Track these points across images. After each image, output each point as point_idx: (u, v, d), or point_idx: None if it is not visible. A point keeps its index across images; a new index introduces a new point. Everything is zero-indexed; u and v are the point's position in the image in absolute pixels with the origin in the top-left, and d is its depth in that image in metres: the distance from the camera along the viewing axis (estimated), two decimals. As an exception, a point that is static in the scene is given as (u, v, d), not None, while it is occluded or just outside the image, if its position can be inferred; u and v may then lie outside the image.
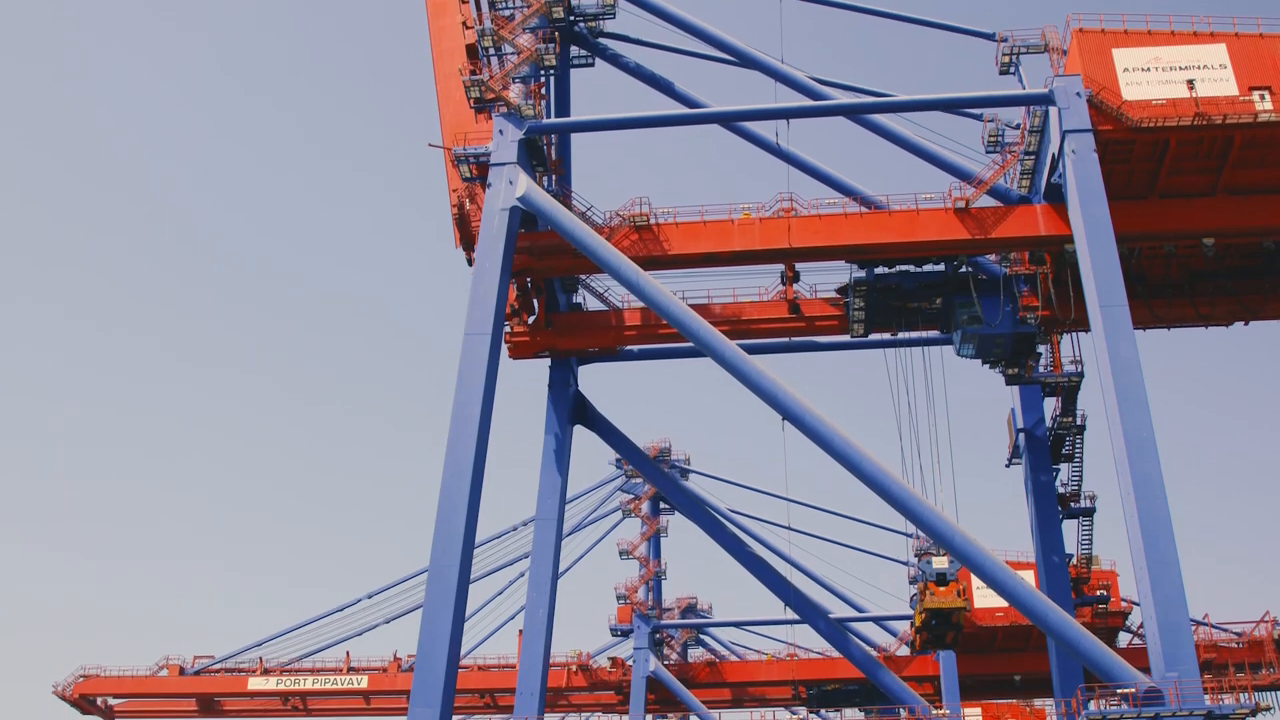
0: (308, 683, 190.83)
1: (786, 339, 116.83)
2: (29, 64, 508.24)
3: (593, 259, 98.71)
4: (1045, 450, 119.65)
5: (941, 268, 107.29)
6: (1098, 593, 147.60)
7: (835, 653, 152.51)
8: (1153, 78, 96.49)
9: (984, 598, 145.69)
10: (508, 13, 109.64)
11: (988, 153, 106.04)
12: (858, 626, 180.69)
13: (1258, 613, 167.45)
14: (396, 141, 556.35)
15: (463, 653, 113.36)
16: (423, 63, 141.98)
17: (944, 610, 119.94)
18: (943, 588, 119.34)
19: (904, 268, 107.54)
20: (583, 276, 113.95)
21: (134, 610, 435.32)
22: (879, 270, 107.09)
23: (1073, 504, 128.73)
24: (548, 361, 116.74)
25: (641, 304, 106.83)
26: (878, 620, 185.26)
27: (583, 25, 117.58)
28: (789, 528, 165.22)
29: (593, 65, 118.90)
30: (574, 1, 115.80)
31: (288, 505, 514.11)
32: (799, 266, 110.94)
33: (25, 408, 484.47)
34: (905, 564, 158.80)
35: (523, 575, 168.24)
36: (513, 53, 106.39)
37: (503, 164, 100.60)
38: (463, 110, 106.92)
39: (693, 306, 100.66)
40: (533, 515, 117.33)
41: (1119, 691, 79.33)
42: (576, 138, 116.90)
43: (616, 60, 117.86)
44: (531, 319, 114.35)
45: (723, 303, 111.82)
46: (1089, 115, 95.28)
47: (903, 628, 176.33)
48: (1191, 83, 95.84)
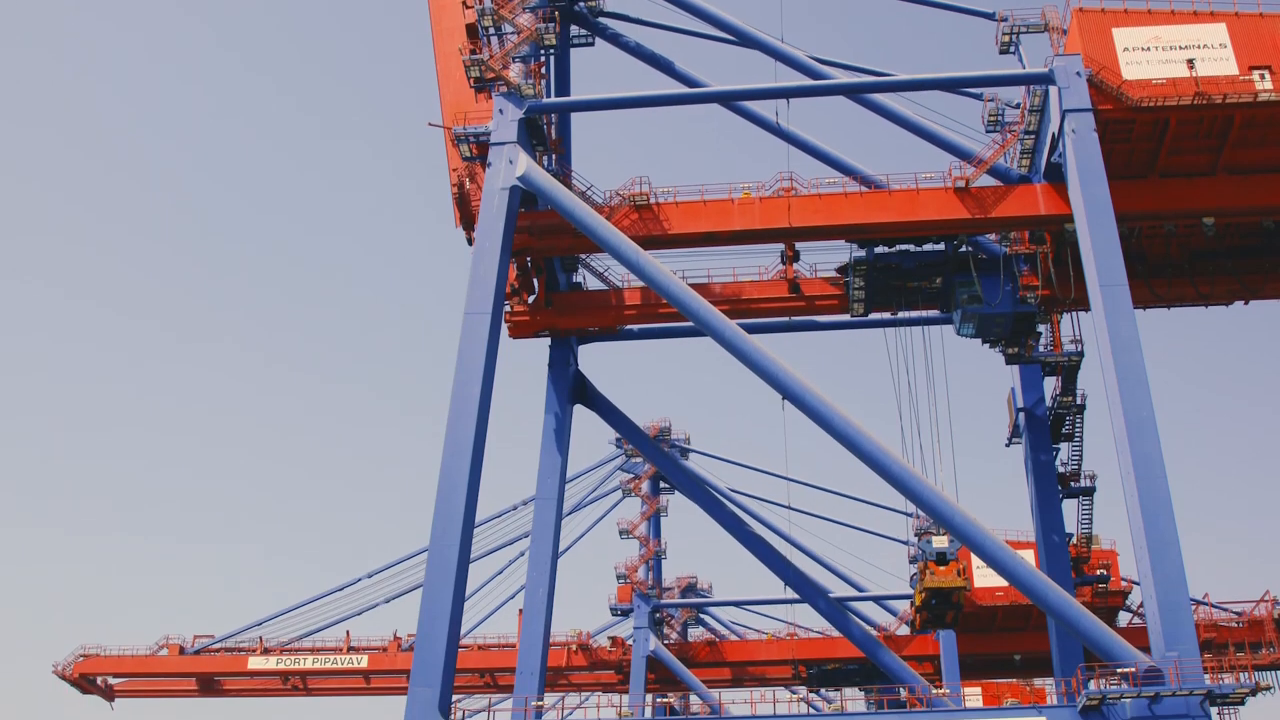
0: (307, 662, 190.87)
1: (786, 318, 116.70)
2: (29, 46, 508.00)
3: (593, 238, 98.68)
4: (1045, 430, 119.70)
5: (941, 247, 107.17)
6: (1098, 572, 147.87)
7: (835, 632, 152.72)
8: (1153, 57, 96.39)
9: (984, 577, 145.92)
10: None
11: (988, 132, 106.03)
12: (858, 606, 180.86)
13: (1258, 592, 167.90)
14: (396, 121, 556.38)
15: (463, 632, 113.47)
16: (422, 42, 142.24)
17: (944, 589, 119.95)
18: (943, 567, 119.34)
19: (904, 247, 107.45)
20: (583, 256, 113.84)
21: (134, 590, 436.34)
22: (879, 250, 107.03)
23: (1073, 483, 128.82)
24: (548, 341, 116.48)
25: (641, 283, 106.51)
26: (878, 600, 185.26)
27: (582, 4, 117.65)
28: (789, 507, 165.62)
29: (593, 45, 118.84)
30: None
31: (287, 485, 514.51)
32: (799, 246, 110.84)
33: (24, 387, 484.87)
34: (905, 543, 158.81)
35: (523, 555, 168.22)
36: (513, 32, 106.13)
37: (503, 143, 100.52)
38: (463, 90, 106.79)
39: (692, 286, 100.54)
40: (533, 495, 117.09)
41: (1119, 671, 79.31)
42: (576, 117, 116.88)
43: (616, 40, 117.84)
44: (531, 298, 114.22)
45: (723, 282, 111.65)
46: (1089, 95, 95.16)
47: (903, 607, 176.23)
48: (1191, 62, 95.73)
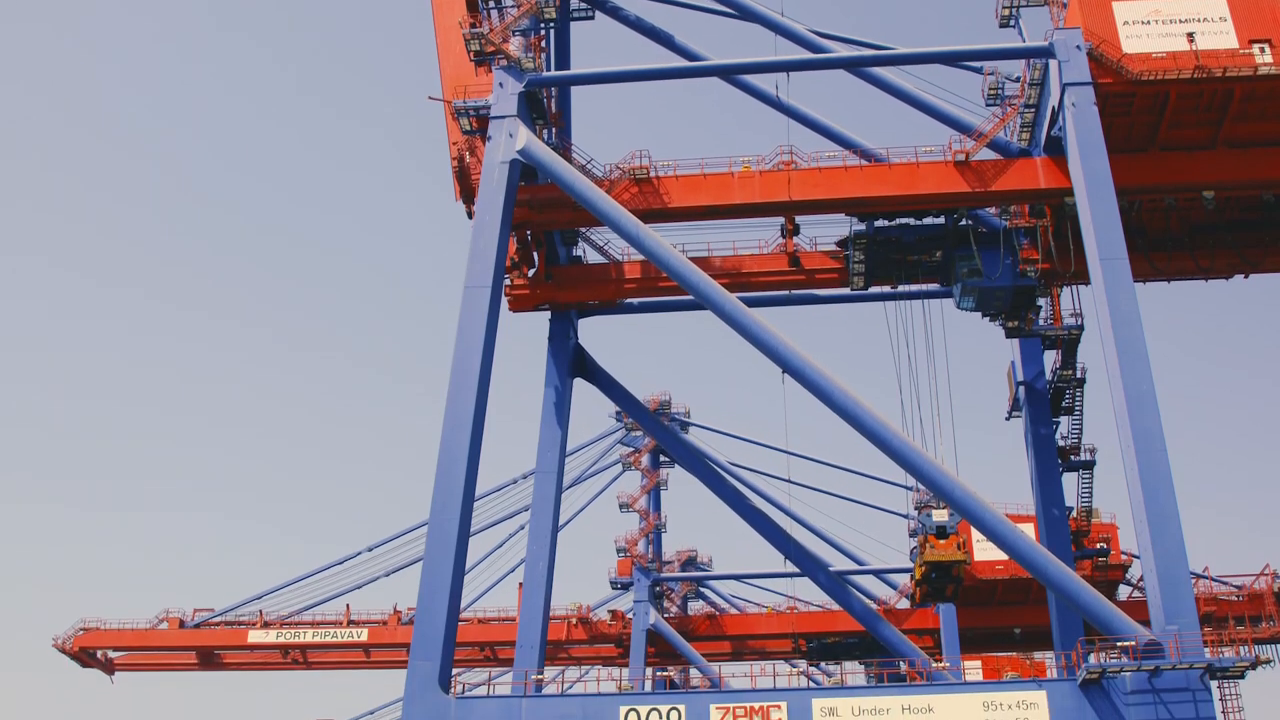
0: (307, 636, 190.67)
1: (786, 292, 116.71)
2: (28, 20, 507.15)
3: (592, 212, 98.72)
4: (1045, 403, 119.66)
5: (941, 221, 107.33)
6: (1098, 546, 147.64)
7: (835, 606, 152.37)
8: (1152, 30, 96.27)
9: (984, 551, 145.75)
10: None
11: (987, 106, 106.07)
12: (858, 579, 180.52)
13: (1257, 565, 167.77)
14: (396, 94, 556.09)
15: (463, 606, 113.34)
16: (422, 15, 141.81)
17: (944, 563, 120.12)
18: (943, 541, 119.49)
19: (904, 220, 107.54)
20: (583, 229, 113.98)
21: (134, 563, 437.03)
22: (879, 223, 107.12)
23: (1073, 457, 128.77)
24: (548, 314, 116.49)
25: (641, 257, 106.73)
26: (878, 573, 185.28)
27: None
28: (789, 481, 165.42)
29: (592, 18, 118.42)
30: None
31: (288, 459, 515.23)
32: (799, 220, 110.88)
33: (23, 361, 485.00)
34: (905, 517, 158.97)
35: (523, 528, 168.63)
36: (513, 5, 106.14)
37: (502, 117, 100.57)
38: (463, 63, 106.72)
39: (692, 259, 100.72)
40: (533, 468, 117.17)
41: (1119, 644, 79.36)
42: (576, 91, 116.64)
43: (616, 13, 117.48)
44: (531, 272, 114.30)
45: (722, 255, 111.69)
46: (1089, 68, 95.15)
47: (903, 581, 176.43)
48: (1191, 35, 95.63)
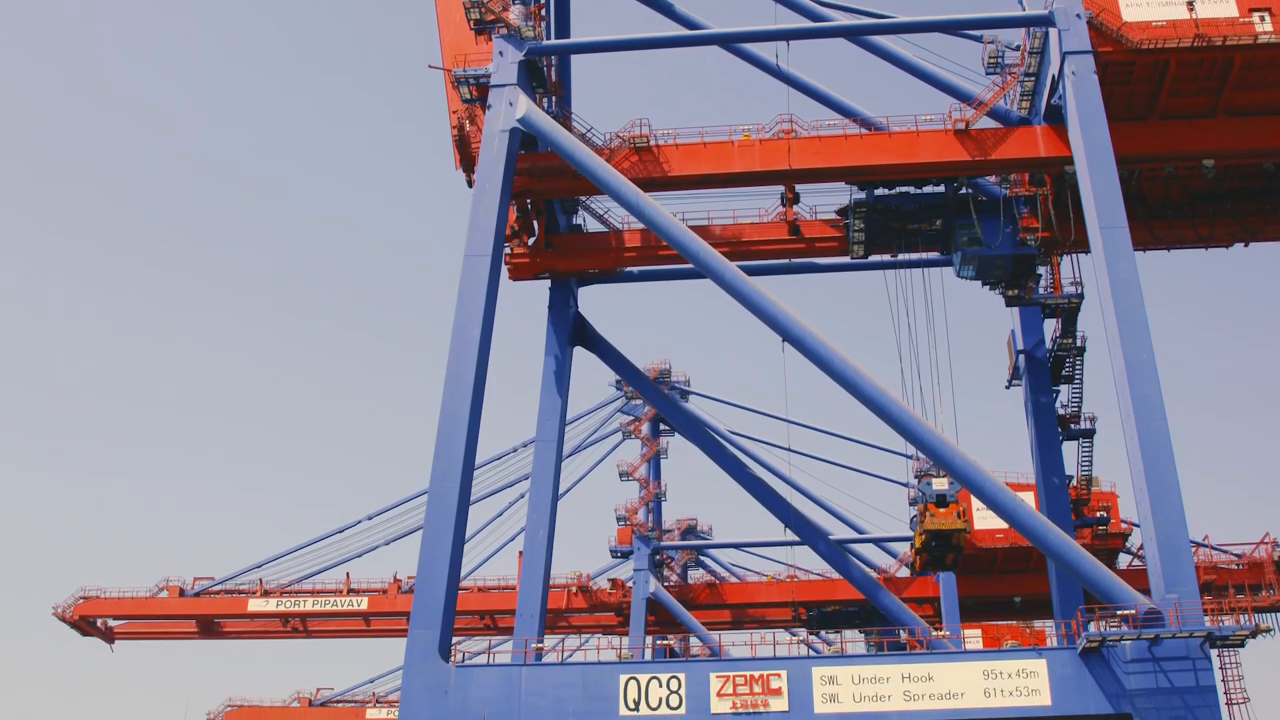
0: (307, 604, 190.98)
1: (786, 260, 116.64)
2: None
3: (592, 180, 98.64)
4: (1045, 372, 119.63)
5: (941, 189, 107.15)
6: (1098, 514, 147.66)
7: (835, 574, 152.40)
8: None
9: (984, 519, 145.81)
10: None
11: (987, 74, 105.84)
12: (858, 548, 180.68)
13: (1258, 534, 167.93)
14: (396, 63, 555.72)
15: (463, 574, 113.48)
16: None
17: (944, 532, 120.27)
18: (943, 509, 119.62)
19: (904, 189, 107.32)
20: (583, 198, 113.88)
21: (134, 532, 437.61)
22: (879, 192, 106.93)
23: (1073, 425, 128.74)
24: (548, 283, 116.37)
25: (641, 225, 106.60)
26: (878, 542, 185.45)
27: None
28: (789, 449, 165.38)
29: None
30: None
31: (288, 426, 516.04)
32: (799, 188, 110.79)
33: (24, 327, 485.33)
34: (905, 486, 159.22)
35: (523, 497, 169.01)
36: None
37: (503, 85, 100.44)
38: (463, 32, 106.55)
39: (692, 228, 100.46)
40: (533, 437, 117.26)
41: (1119, 613, 79.37)
42: (576, 59, 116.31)
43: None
44: (531, 240, 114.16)
45: (722, 224, 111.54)
46: (1089, 37, 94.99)
47: (903, 549, 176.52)
48: (1191, 4, 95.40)
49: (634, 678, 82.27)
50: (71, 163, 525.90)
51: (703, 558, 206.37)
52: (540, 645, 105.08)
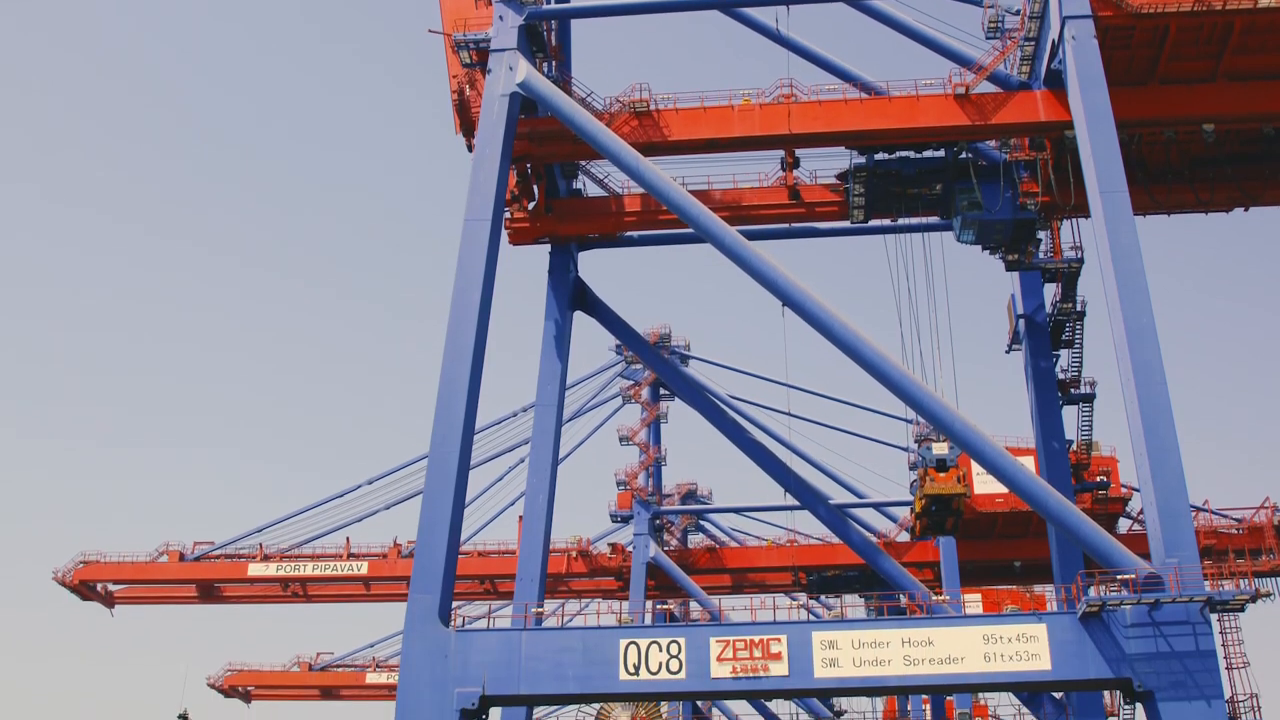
0: (307, 569, 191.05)
1: (786, 225, 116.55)
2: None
3: (592, 144, 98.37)
4: (1045, 336, 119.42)
5: (941, 154, 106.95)
6: (1097, 479, 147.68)
7: (835, 539, 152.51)
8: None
9: (984, 484, 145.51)
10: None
11: (987, 38, 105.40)
12: (858, 512, 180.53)
13: (1258, 498, 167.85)
14: (396, 28, 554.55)
15: (462, 539, 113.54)
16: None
17: (944, 496, 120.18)
18: (942, 474, 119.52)
19: (904, 153, 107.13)
20: (583, 162, 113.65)
21: (134, 497, 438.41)
22: (879, 156, 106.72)
23: (1073, 390, 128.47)
24: (548, 247, 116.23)
25: (641, 190, 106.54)
26: (878, 506, 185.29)
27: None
28: (789, 414, 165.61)
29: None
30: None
31: (288, 391, 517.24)
32: (799, 153, 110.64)
33: (25, 293, 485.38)
34: (905, 450, 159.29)
35: (523, 461, 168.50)
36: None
37: (502, 50, 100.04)
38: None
39: (692, 192, 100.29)
40: (532, 401, 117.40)
41: (1119, 577, 79.42)
42: (576, 24, 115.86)
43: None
44: (531, 205, 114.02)
45: (722, 188, 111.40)
46: (1089, 1, 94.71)
47: (903, 514, 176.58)
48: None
49: (634, 642, 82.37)
50: (66, 126, 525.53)
51: (703, 522, 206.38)
52: (540, 610, 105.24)
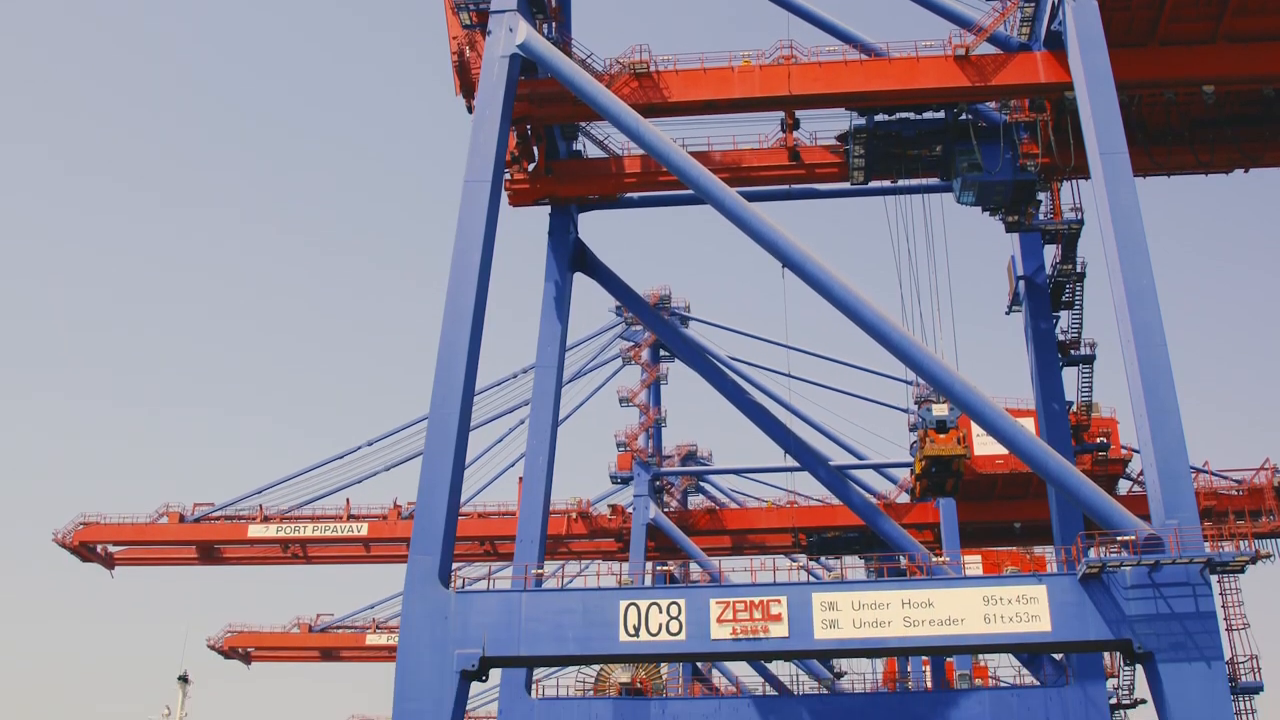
0: (307, 530, 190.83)
1: (786, 186, 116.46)
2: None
3: (592, 106, 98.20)
4: (1045, 297, 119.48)
5: (941, 115, 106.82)
6: (1097, 440, 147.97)
7: (835, 500, 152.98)
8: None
9: (984, 445, 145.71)
10: None
11: (987, 0, 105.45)
12: (858, 474, 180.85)
13: (1258, 459, 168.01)
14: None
15: (462, 500, 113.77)
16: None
17: (944, 457, 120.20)
18: (943, 435, 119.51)
19: (904, 115, 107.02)
20: (583, 124, 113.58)
21: (134, 458, 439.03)
22: (879, 118, 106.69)
23: (1073, 351, 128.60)
24: (547, 209, 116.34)
25: (641, 151, 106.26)
26: (878, 467, 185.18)
27: None
28: (789, 375, 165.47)
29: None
30: None
31: (288, 352, 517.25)
32: (799, 114, 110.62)
33: (24, 252, 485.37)
34: (905, 412, 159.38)
35: (523, 423, 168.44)
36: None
37: (502, 11, 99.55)
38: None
39: (692, 154, 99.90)
40: (533, 362, 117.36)
41: (1119, 539, 79.50)
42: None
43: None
44: (531, 166, 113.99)
45: (722, 150, 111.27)
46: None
47: (903, 475, 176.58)
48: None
49: (634, 603, 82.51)
50: (71, 88, 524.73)
51: (703, 483, 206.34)
52: (540, 571, 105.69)
